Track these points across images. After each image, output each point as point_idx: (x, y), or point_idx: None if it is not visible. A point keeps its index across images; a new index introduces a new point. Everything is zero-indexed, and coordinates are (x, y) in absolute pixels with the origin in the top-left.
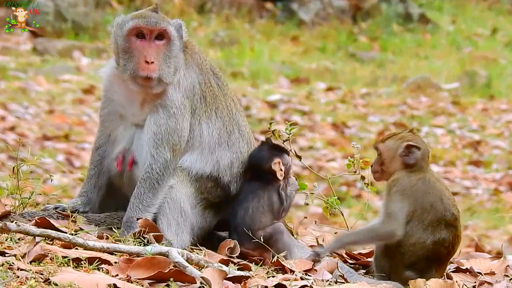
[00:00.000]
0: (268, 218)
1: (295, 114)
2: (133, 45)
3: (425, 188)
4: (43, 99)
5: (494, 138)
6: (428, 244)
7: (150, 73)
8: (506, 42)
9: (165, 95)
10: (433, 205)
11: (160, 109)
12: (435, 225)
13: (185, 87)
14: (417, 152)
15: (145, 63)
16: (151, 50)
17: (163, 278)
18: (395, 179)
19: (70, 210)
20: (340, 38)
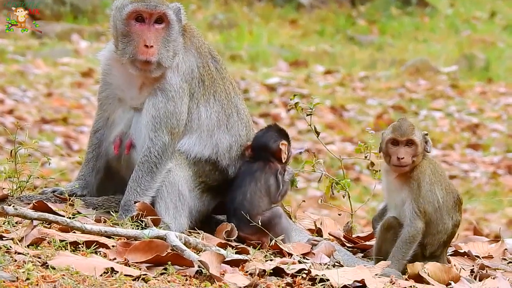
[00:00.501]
0: (265, 201)
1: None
2: (132, 28)
3: (442, 172)
4: (42, 82)
5: (492, 121)
6: (450, 228)
7: (149, 57)
8: (505, 25)
9: (164, 79)
10: (449, 187)
11: (159, 92)
12: (453, 207)
13: (183, 71)
14: (430, 141)
15: (145, 47)
16: (151, 34)
17: (161, 261)
18: (422, 171)
19: (68, 194)
20: (338, 21)
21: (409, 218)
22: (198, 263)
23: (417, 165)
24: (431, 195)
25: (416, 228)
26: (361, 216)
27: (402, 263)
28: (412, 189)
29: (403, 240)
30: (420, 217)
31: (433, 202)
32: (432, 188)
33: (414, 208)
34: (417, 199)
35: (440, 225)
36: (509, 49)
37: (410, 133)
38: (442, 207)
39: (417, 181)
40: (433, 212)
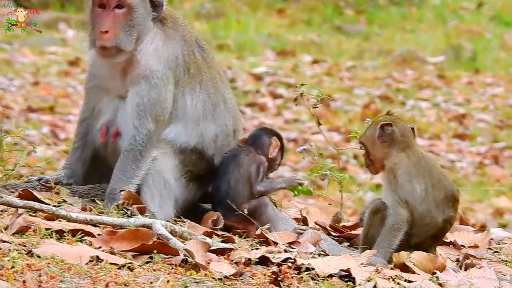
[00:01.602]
0: (247, 189)
1: (281, 86)
2: (95, 15)
3: (428, 166)
4: (28, 71)
5: (479, 112)
6: (439, 222)
7: (105, 42)
8: (492, 16)
9: (144, 66)
10: (440, 181)
11: (141, 80)
12: (446, 202)
13: (166, 58)
14: (390, 129)
15: (100, 33)
16: (108, 19)
17: (147, 250)
18: (396, 163)
19: (54, 182)
20: (326, 11)
21: (392, 207)
22: (184, 252)
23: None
24: (408, 186)
25: (400, 216)
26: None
27: (388, 252)
28: (390, 180)
29: (387, 228)
30: (402, 206)
31: (412, 192)
32: (410, 179)
33: (395, 198)
34: (395, 190)
35: (428, 218)
36: (496, 40)
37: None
38: (426, 199)
39: (392, 173)
40: (416, 203)
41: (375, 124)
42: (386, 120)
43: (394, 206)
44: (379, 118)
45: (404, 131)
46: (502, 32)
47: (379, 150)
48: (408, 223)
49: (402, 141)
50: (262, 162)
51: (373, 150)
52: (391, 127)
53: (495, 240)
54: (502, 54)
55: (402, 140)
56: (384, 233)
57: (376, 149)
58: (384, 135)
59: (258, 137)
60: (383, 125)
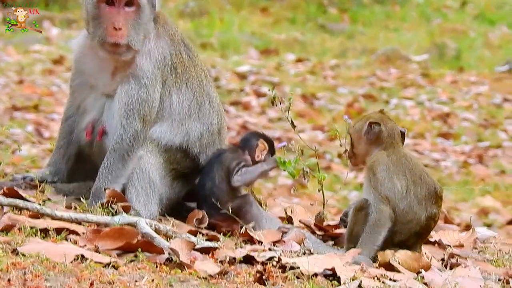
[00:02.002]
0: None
1: (265, 85)
2: (102, 11)
3: (409, 164)
4: (13, 70)
5: (463, 111)
6: (422, 219)
7: (118, 39)
8: (476, 14)
9: (136, 65)
10: (422, 178)
11: (131, 79)
12: (428, 199)
13: (156, 58)
14: (377, 128)
15: (114, 29)
16: (120, 16)
17: (131, 248)
18: (375, 160)
19: (39, 180)
20: (309, 9)
21: (373, 204)
22: (169, 250)
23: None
24: (388, 183)
25: (382, 212)
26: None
27: (373, 249)
28: (370, 178)
29: (370, 225)
30: (383, 203)
31: (392, 189)
32: (389, 176)
33: (376, 195)
34: (376, 187)
35: (410, 214)
36: (480, 38)
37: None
38: (407, 195)
39: (372, 170)
40: (397, 200)
41: (365, 120)
42: (375, 119)
43: (375, 203)
44: (370, 114)
45: (391, 132)
46: (486, 31)
47: (363, 145)
48: (391, 220)
49: (387, 142)
50: (245, 159)
51: (358, 144)
52: (378, 126)
53: (480, 239)
54: (486, 53)
55: (387, 140)
56: (367, 230)
57: (361, 144)
58: (370, 132)
59: (247, 139)
60: (371, 122)
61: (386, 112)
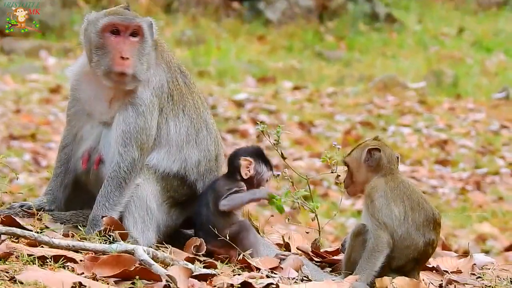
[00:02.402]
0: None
1: (262, 113)
2: (108, 41)
3: (407, 191)
4: (10, 99)
5: (460, 137)
6: (420, 245)
7: (125, 69)
8: (473, 42)
9: (134, 93)
10: (420, 204)
11: (129, 107)
12: (426, 225)
13: (153, 85)
14: (377, 154)
15: (121, 59)
16: (126, 46)
17: (129, 276)
18: (374, 187)
19: (36, 208)
20: (306, 37)
21: (371, 230)
22: (166, 278)
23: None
24: (386, 209)
25: (380, 238)
26: (329, 232)
27: (370, 275)
28: (368, 205)
29: (368, 251)
30: (381, 229)
31: (390, 216)
32: (387, 202)
33: (374, 221)
34: (374, 214)
35: (408, 240)
36: (477, 65)
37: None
38: (405, 222)
39: (370, 197)
40: (395, 226)
41: (362, 147)
42: (374, 145)
43: (373, 229)
44: (367, 142)
45: (390, 158)
46: (483, 58)
47: (362, 173)
48: (388, 246)
49: (386, 168)
50: (237, 185)
51: (357, 172)
52: (379, 152)
53: (478, 265)
54: (483, 80)
55: (387, 166)
56: (365, 256)
57: (360, 171)
58: (370, 159)
59: (230, 163)
60: (370, 149)
61: (381, 139)
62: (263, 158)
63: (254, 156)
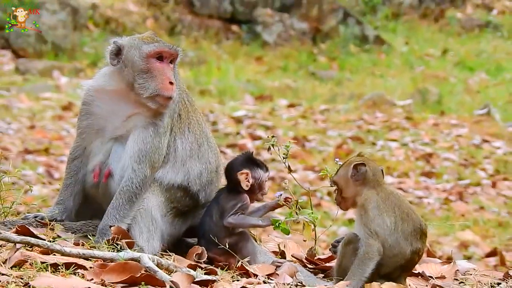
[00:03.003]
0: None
1: (259, 129)
2: (153, 66)
3: (397, 201)
4: (25, 116)
5: (444, 151)
6: (407, 254)
7: (172, 93)
8: (456, 62)
9: (160, 115)
10: (409, 215)
11: (150, 127)
12: (414, 235)
13: (171, 108)
14: (363, 168)
15: (170, 84)
16: (170, 71)
17: (135, 282)
18: (366, 199)
19: (49, 219)
20: (301, 58)
21: (363, 239)
22: (170, 284)
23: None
24: (378, 219)
25: (371, 246)
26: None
27: (360, 281)
28: (361, 215)
29: (359, 258)
30: (373, 237)
31: (382, 225)
32: (380, 213)
33: (366, 231)
34: (367, 223)
35: (396, 249)
36: (461, 84)
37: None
38: (395, 231)
39: (363, 208)
40: (386, 235)
41: (348, 164)
42: (359, 161)
43: (365, 238)
44: (351, 159)
45: (375, 171)
46: (466, 77)
47: (351, 188)
48: (379, 253)
49: (373, 180)
50: (241, 199)
51: (346, 188)
52: (364, 167)
53: (461, 271)
54: (466, 97)
55: (373, 179)
56: (356, 262)
57: (349, 187)
58: (357, 174)
59: (228, 177)
60: (356, 165)
61: (364, 154)
62: (256, 163)
63: (248, 165)
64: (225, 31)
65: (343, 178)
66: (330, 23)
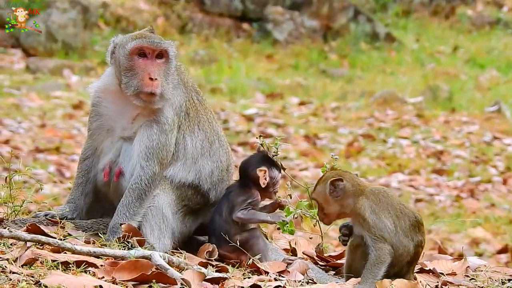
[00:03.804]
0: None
1: (270, 127)
2: (136, 63)
3: (388, 200)
4: (35, 114)
5: (455, 148)
6: (411, 250)
7: (154, 89)
8: (467, 59)
9: (160, 112)
10: (402, 211)
11: (154, 125)
12: (412, 229)
13: (176, 106)
14: (341, 184)
15: (149, 79)
16: (154, 67)
17: (146, 279)
18: (359, 207)
19: (59, 217)
20: (311, 56)
21: (372, 245)
22: (181, 281)
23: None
24: (379, 223)
25: (381, 250)
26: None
27: (372, 284)
28: (361, 223)
29: (371, 263)
30: (381, 241)
31: (385, 228)
32: (378, 217)
33: (372, 237)
34: (369, 230)
35: (401, 248)
36: (471, 81)
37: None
38: (396, 231)
39: (361, 216)
40: (390, 237)
41: (323, 181)
42: (335, 176)
43: (373, 243)
44: (326, 175)
45: (353, 181)
46: (477, 74)
47: (332, 204)
48: (390, 255)
49: (355, 190)
50: (251, 195)
51: (327, 205)
52: (342, 182)
53: (472, 268)
54: (477, 94)
55: (354, 189)
56: (368, 267)
57: (330, 204)
58: (335, 191)
59: (244, 174)
60: (333, 181)
61: (337, 167)
62: (272, 162)
63: (266, 164)
64: (236, 29)
65: (321, 196)
66: (341, 21)
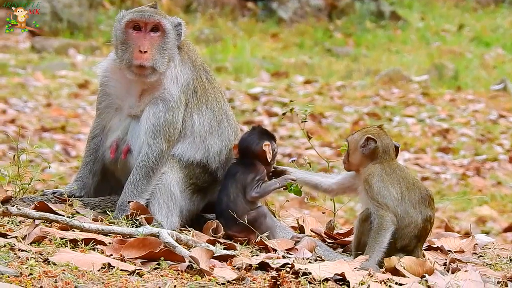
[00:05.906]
0: (246, 200)
1: (276, 105)
2: (130, 36)
3: (402, 173)
4: (41, 94)
5: (461, 127)
6: (419, 223)
7: (143, 62)
8: (472, 37)
9: (165, 89)
10: (415, 184)
11: (160, 102)
12: (422, 202)
13: (182, 83)
14: (372, 144)
15: (139, 52)
16: (146, 40)
17: (154, 257)
18: (370, 173)
19: (67, 195)
20: (316, 34)
21: (374, 212)
22: (189, 259)
23: (364, 167)
24: (384, 191)
25: (383, 217)
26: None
27: (380, 252)
28: (366, 190)
29: (374, 230)
30: (383, 208)
31: (389, 196)
32: (385, 185)
33: (375, 204)
34: (373, 197)
35: (407, 219)
36: (477, 59)
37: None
38: (403, 201)
39: (368, 183)
40: (394, 206)
41: (363, 133)
42: (373, 134)
43: (375, 211)
44: (369, 128)
45: (386, 149)
46: (482, 52)
47: (357, 156)
48: (393, 223)
49: (382, 157)
50: (258, 172)
51: (353, 154)
52: (375, 143)
53: (480, 245)
54: (482, 73)
55: (382, 156)
56: (372, 236)
57: (356, 154)
58: (366, 147)
59: (249, 149)
60: (368, 138)
61: (384, 128)
62: (271, 135)
63: (268, 138)
64: (241, 8)
65: (354, 144)
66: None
